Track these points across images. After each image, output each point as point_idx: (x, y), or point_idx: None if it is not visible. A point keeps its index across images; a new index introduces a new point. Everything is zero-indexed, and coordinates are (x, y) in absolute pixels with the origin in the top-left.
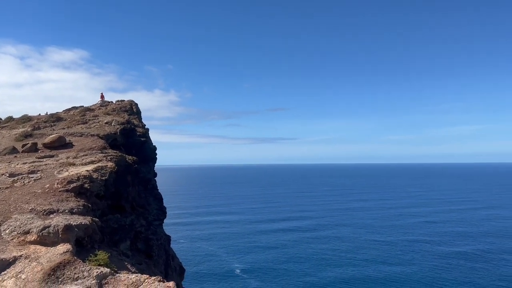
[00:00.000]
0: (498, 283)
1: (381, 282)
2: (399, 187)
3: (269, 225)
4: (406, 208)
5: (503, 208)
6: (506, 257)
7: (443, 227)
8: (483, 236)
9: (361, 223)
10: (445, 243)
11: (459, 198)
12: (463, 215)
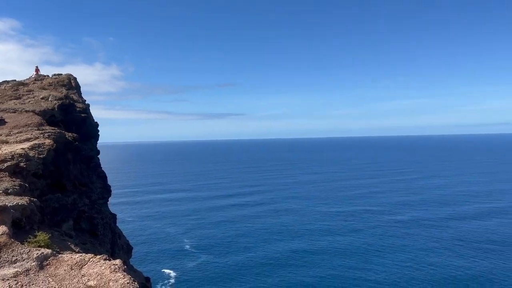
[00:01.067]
0: (431, 243)
1: (327, 251)
2: (344, 160)
3: (219, 201)
4: (351, 180)
5: (439, 178)
6: (440, 223)
7: (385, 197)
8: (420, 204)
9: (308, 196)
10: (387, 212)
11: (401, 169)
12: (403, 185)
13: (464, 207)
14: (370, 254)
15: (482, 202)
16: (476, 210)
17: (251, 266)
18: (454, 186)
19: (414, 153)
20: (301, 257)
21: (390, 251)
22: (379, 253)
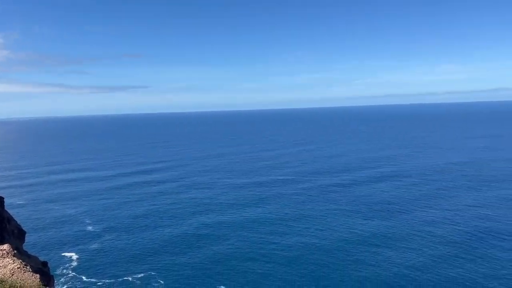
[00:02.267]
0: (330, 207)
1: (236, 223)
2: (252, 134)
3: (123, 179)
4: (259, 152)
5: (333, 147)
6: (338, 188)
7: (289, 168)
8: (319, 173)
9: (217, 168)
10: (290, 181)
11: (300, 140)
12: (305, 155)
13: (357, 173)
14: (277, 224)
15: (371, 168)
16: (367, 175)
17: (160, 244)
18: (348, 154)
19: (313, 125)
20: (212, 231)
21: (295, 218)
22: (284, 221)
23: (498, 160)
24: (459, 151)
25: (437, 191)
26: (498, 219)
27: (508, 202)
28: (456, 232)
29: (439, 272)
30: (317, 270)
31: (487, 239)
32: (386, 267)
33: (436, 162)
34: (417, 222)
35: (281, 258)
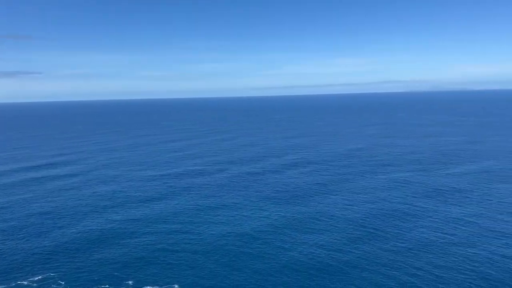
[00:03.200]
0: (238, 194)
1: (141, 217)
2: (154, 123)
3: (17, 175)
4: (166, 143)
5: (245, 136)
6: (248, 178)
7: (199, 158)
8: (228, 163)
9: (125, 161)
10: (200, 173)
11: (206, 131)
12: (214, 146)
13: (267, 161)
14: (188, 214)
15: (278, 156)
16: (272, 164)
17: (59, 244)
18: (259, 143)
19: (222, 114)
20: (119, 226)
21: (206, 208)
22: (196, 212)
23: (389, 145)
24: (356, 138)
25: (340, 175)
26: (392, 200)
27: (400, 183)
28: (357, 213)
29: (350, 250)
30: (233, 258)
31: (386, 218)
32: (300, 250)
33: (336, 149)
34: (324, 205)
35: (193, 247)
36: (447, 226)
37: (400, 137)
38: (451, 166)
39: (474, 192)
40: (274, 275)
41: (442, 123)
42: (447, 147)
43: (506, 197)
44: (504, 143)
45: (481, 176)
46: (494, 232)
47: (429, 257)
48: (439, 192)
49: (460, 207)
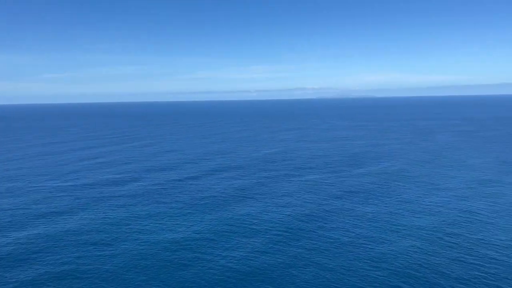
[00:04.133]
0: (158, 205)
1: (40, 234)
2: (59, 129)
3: None
4: (73, 152)
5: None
6: (162, 187)
7: (115, 167)
8: (142, 171)
9: (23, 172)
10: (114, 182)
11: (117, 138)
12: (132, 153)
13: (187, 169)
14: (101, 230)
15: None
16: (193, 170)
17: None
18: (177, 150)
19: (136, 120)
20: (16, 248)
21: (120, 222)
22: (109, 226)
23: (303, 149)
24: (272, 143)
25: (258, 180)
26: (307, 201)
27: (314, 185)
28: (277, 216)
29: (274, 252)
30: (151, 271)
31: (304, 220)
32: (224, 256)
33: (254, 154)
34: (245, 210)
35: (111, 268)
36: (359, 223)
37: (312, 141)
38: (357, 167)
39: (377, 191)
40: (200, 284)
41: (349, 127)
42: (353, 150)
43: (402, 194)
44: (400, 146)
45: (382, 176)
46: (396, 226)
47: (344, 255)
48: (349, 192)
49: (369, 206)
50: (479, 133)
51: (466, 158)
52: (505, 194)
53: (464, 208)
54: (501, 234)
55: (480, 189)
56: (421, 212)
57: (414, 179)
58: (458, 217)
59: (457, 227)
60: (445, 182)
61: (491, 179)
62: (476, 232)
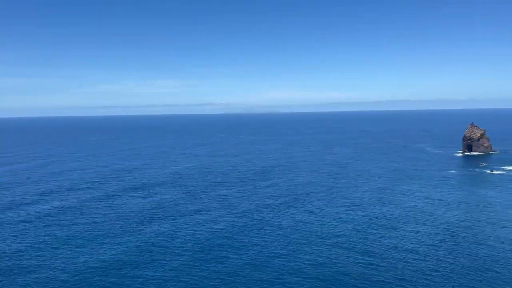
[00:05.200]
0: (57, 230)
1: None
2: None
3: None
4: None
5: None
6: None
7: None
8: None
9: None
10: (4, 207)
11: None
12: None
13: (90, 189)
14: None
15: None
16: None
17: None
18: (79, 168)
19: (27, 137)
20: None
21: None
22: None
23: (218, 164)
24: (186, 158)
25: (174, 196)
26: (226, 216)
27: (233, 199)
28: (201, 232)
29: (191, 272)
30: None
31: (226, 234)
32: (139, 278)
33: (169, 170)
34: (160, 230)
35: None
36: (274, 236)
37: (224, 155)
38: (267, 180)
39: (288, 203)
40: None
41: (258, 141)
42: (263, 163)
43: (312, 204)
44: (305, 158)
45: (291, 188)
46: (310, 236)
47: (264, 269)
48: (262, 205)
49: (282, 218)
50: (374, 145)
51: (364, 169)
52: (404, 200)
53: (368, 215)
54: (404, 239)
55: (379, 197)
56: (332, 220)
57: (321, 190)
58: (364, 224)
59: (363, 233)
60: (349, 192)
61: (387, 187)
62: (383, 237)
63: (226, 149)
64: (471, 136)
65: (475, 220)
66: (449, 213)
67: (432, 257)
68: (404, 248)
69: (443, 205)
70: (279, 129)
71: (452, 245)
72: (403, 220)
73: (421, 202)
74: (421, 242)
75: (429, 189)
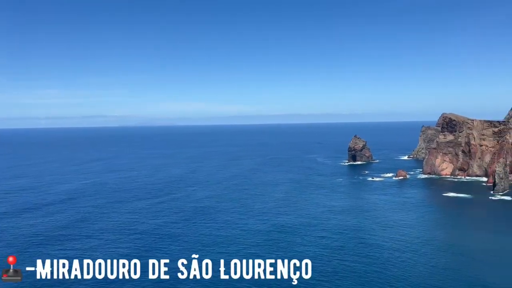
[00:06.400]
0: None
1: None
2: None
3: None
4: None
5: None
6: None
7: None
8: None
9: None
10: None
11: None
12: None
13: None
14: None
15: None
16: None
17: None
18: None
19: None
20: None
21: None
22: None
23: (112, 180)
24: (84, 174)
25: (66, 218)
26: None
27: (136, 214)
28: (120, 248)
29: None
30: None
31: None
32: None
33: (64, 188)
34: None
35: None
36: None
37: (121, 170)
38: (170, 194)
39: (196, 217)
40: None
41: (156, 156)
42: (165, 178)
43: (223, 216)
44: (212, 170)
45: (199, 202)
46: (227, 247)
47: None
48: (167, 222)
49: (194, 234)
50: (272, 157)
51: (264, 180)
52: (301, 208)
53: (280, 223)
54: (312, 246)
55: (285, 205)
56: (239, 230)
57: (224, 202)
58: (270, 233)
59: (271, 242)
60: (256, 203)
61: (285, 197)
62: (291, 244)
63: (124, 164)
64: (355, 147)
65: (362, 223)
66: (340, 217)
67: (333, 259)
68: (312, 254)
69: (336, 211)
70: (180, 142)
71: (347, 247)
72: (305, 227)
73: (317, 209)
74: (326, 246)
75: (322, 197)
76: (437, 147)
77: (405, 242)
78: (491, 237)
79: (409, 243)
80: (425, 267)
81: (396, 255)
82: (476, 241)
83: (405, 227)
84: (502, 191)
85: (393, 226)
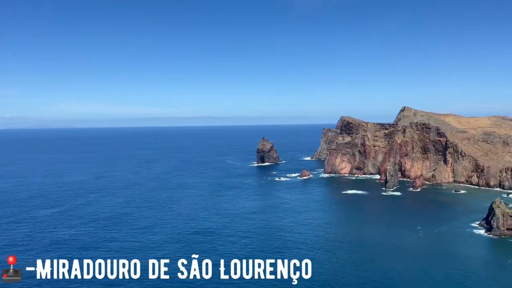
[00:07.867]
0: None
1: None
2: None
3: None
4: None
5: None
6: None
7: None
8: None
9: None
10: None
11: None
12: None
13: None
14: None
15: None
16: None
17: None
18: None
19: None
20: None
21: None
22: None
23: (8, 187)
24: None
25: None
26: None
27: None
28: None
29: None
30: None
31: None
32: None
33: None
34: None
35: None
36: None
37: (17, 177)
38: (81, 200)
39: (117, 221)
40: None
41: (60, 160)
42: (73, 184)
43: (142, 220)
44: (125, 175)
45: (108, 206)
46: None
47: None
48: (83, 230)
49: (117, 240)
50: (187, 159)
51: (181, 182)
52: (218, 209)
53: (201, 226)
54: (242, 252)
55: (209, 208)
56: (163, 235)
57: (149, 205)
58: (191, 236)
59: (199, 244)
60: (175, 205)
61: (203, 199)
62: (219, 245)
63: (21, 171)
64: (263, 148)
65: (275, 220)
66: (256, 216)
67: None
68: (241, 255)
69: (250, 210)
70: (85, 145)
71: (271, 243)
72: (227, 228)
73: (232, 209)
74: (249, 247)
75: (234, 198)
76: (336, 148)
77: (309, 239)
78: (383, 230)
79: (313, 241)
80: (331, 263)
81: (302, 252)
82: (372, 235)
83: (309, 225)
84: (392, 187)
85: (299, 224)
